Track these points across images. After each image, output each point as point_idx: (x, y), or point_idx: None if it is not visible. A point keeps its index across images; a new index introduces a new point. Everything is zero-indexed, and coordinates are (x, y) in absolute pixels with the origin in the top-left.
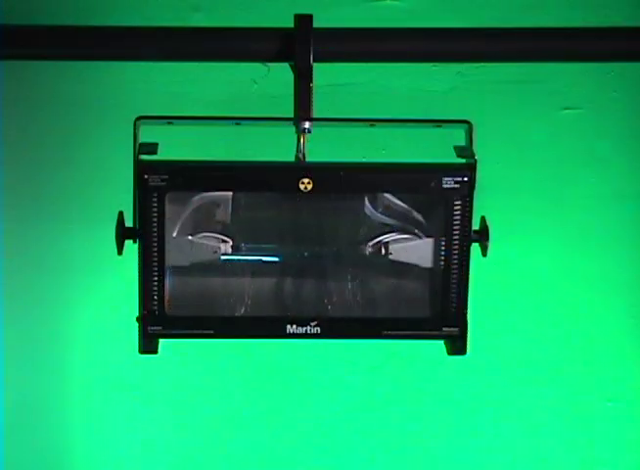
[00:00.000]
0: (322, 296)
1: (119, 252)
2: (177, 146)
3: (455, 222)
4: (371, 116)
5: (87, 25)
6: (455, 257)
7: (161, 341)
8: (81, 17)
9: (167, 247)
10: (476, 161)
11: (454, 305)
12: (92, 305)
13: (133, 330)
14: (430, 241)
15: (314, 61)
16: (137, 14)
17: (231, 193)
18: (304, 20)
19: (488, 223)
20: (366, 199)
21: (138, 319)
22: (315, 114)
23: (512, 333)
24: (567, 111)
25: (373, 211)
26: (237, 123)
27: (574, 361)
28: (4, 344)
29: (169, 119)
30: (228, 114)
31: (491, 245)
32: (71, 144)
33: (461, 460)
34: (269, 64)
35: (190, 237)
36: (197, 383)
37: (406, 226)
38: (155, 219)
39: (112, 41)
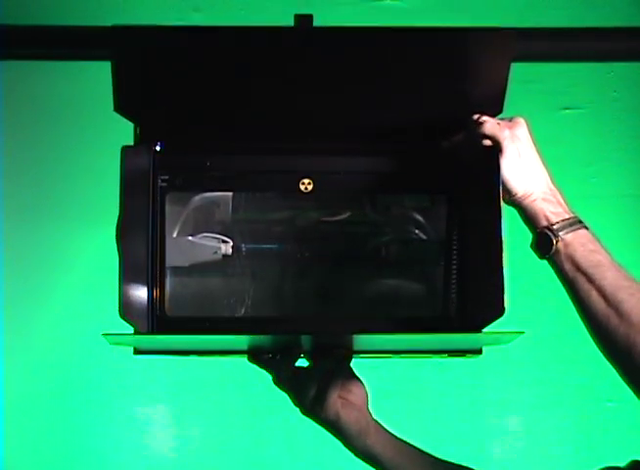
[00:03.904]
0: (323, 296)
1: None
2: None
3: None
4: None
5: (87, 26)
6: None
7: None
8: (81, 17)
9: (167, 247)
10: None
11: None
12: (92, 305)
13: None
14: (429, 241)
15: None
16: (137, 14)
17: (231, 193)
18: (304, 20)
19: None
20: (366, 199)
21: None
22: None
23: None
24: (567, 111)
25: (373, 211)
26: None
27: (574, 361)
28: (4, 343)
29: None
30: None
31: None
32: (71, 144)
33: (460, 459)
34: None
35: (190, 237)
36: (196, 384)
37: (406, 227)
38: (155, 220)
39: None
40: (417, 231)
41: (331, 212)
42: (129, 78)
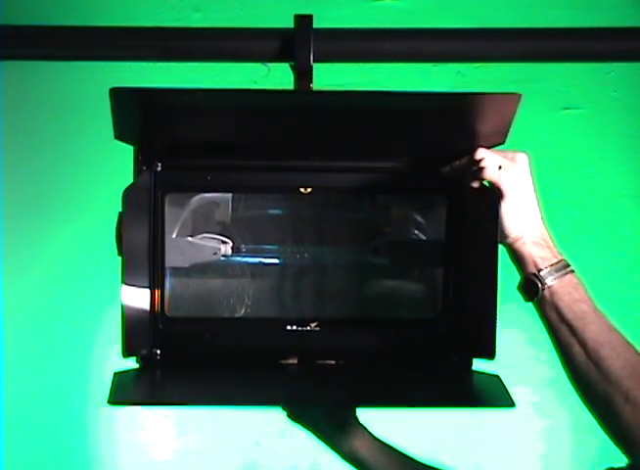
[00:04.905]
0: (323, 296)
1: (119, 253)
2: None
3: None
4: None
5: (87, 26)
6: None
7: None
8: (81, 17)
9: (167, 248)
10: None
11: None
12: (92, 306)
13: None
14: (429, 241)
15: (314, 61)
16: (137, 14)
17: (231, 194)
18: (304, 20)
19: None
20: (366, 199)
21: None
22: None
23: (512, 332)
24: (567, 111)
25: (373, 211)
26: None
27: None
28: (4, 342)
29: None
30: None
31: None
32: (71, 144)
33: (460, 459)
34: (269, 64)
35: (190, 238)
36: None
37: (406, 227)
38: (155, 220)
39: (111, 41)
40: (416, 232)
41: (330, 213)
42: (129, 110)
